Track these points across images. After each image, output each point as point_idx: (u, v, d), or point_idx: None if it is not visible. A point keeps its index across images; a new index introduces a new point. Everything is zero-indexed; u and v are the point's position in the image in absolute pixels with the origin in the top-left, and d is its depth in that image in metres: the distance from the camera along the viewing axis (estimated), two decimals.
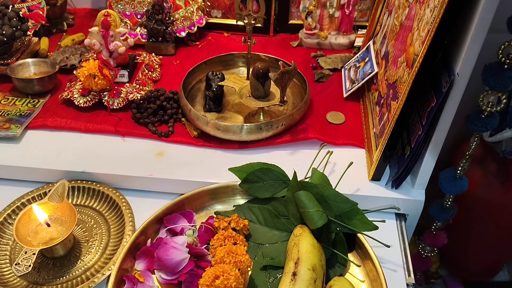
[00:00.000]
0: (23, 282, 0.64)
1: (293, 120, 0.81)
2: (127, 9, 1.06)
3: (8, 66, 0.90)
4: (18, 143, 0.80)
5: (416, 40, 0.65)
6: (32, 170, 0.76)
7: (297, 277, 0.55)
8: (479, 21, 0.54)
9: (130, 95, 0.86)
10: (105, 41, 0.86)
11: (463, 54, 0.57)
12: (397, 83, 0.70)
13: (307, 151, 0.80)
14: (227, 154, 0.79)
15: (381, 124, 0.73)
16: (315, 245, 0.59)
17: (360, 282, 0.62)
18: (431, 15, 0.59)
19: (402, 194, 0.72)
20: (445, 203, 0.79)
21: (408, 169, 0.68)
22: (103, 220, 0.72)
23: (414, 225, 0.75)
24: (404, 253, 0.68)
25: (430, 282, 1.36)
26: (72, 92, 0.86)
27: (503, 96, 0.63)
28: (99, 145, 0.80)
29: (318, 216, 0.60)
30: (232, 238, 0.60)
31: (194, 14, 1.07)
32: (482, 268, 1.34)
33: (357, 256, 0.65)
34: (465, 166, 0.73)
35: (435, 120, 0.63)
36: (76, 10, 1.20)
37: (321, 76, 0.98)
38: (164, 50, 1.04)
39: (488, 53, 0.62)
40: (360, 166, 0.76)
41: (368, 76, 0.85)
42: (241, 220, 0.63)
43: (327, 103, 0.90)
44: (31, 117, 0.84)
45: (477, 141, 0.71)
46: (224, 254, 0.56)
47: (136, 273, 0.62)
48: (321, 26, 1.08)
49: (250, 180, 0.67)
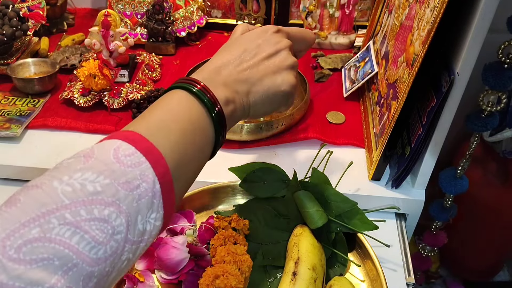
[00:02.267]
0: None
1: (293, 120, 0.81)
2: (127, 9, 1.06)
3: (8, 66, 0.90)
4: (18, 143, 0.80)
5: (416, 40, 0.65)
6: (32, 170, 0.76)
7: (297, 277, 0.55)
8: (479, 21, 0.54)
9: (130, 95, 0.86)
10: (105, 41, 0.86)
11: (463, 54, 0.57)
12: (397, 83, 0.70)
13: (307, 151, 0.80)
14: (227, 154, 0.79)
15: (381, 124, 0.73)
16: (315, 244, 0.59)
17: (360, 281, 0.62)
18: (431, 15, 0.59)
19: (402, 194, 0.72)
20: (445, 203, 0.79)
21: (408, 169, 0.68)
22: None
23: (414, 225, 0.75)
24: (404, 253, 0.68)
25: (430, 282, 1.36)
26: (72, 92, 0.86)
27: (503, 95, 0.63)
28: None
29: (318, 216, 0.60)
30: (232, 237, 0.60)
31: (194, 14, 1.07)
32: (482, 268, 1.34)
33: (357, 256, 0.65)
34: (465, 166, 0.73)
35: (435, 120, 0.63)
36: (76, 10, 1.20)
37: (321, 76, 0.98)
38: (164, 50, 1.04)
39: (488, 53, 0.62)
40: (360, 166, 0.76)
41: (368, 76, 0.86)
42: (241, 220, 0.63)
43: (327, 103, 0.90)
44: (31, 117, 0.84)
45: (477, 141, 0.71)
46: (224, 254, 0.56)
47: (136, 272, 0.62)
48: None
49: (250, 180, 0.67)
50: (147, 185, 0.37)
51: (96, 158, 0.36)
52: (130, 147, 0.38)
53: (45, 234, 0.31)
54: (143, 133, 0.40)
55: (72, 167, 0.36)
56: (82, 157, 0.37)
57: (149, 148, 0.39)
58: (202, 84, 0.46)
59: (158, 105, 0.45)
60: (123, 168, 0.36)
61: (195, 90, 0.45)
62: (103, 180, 0.35)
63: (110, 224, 0.34)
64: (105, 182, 0.35)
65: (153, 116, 0.43)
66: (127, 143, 0.38)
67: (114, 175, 0.36)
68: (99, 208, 0.34)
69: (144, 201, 0.37)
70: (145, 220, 0.37)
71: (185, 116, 0.44)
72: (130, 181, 0.36)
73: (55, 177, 0.35)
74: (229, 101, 0.47)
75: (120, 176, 0.36)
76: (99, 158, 0.36)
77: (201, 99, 0.45)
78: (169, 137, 0.41)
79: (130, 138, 0.39)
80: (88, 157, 0.37)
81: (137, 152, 0.38)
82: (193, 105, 0.45)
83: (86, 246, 0.33)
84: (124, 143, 0.38)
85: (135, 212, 0.36)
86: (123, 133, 0.40)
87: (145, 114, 0.44)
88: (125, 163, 0.37)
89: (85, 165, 0.36)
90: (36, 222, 0.32)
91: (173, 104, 0.45)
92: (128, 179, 0.36)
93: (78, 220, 0.33)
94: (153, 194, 0.37)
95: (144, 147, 0.38)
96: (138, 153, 0.38)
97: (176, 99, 0.45)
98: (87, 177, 0.35)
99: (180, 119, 0.43)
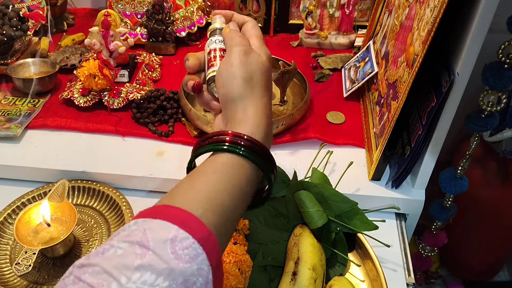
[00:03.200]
0: (23, 281, 0.64)
1: (293, 120, 0.81)
2: (127, 9, 1.06)
3: (8, 66, 0.90)
4: (18, 143, 0.80)
5: (416, 40, 0.65)
6: (32, 170, 0.76)
7: (297, 277, 0.55)
8: (479, 21, 0.54)
9: (130, 95, 0.86)
10: (105, 41, 0.86)
11: (463, 54, 0.57)
12: (397, 83, 0.70)
13: (307, 151, 0.80)
14: None
15: (381, 124, 0.73)
16: (315, 244, 0.59)
17: (360, 281, 0.62)
18: (431, 15, 0.59)
19: (402, 194, 0.72)
20: (445, 203, 0.79)
21: (408, 169, 0.68)
22: (103, 220, 0.72)
23: (414, 225, 0.75)
24: (404, 253, 0.68)
25: (430, 282, 1.37)
26: (72, 92, 0.86)
27: (503, 95, 0.63)
28: (99, 145, 0.80)
29: (318, 216, 0.60)
30: (232, 237, 0.60)
31: (194, 14, 1.07)
32: (482, 268, 1.34)
33: (357, 256, 0.65)
34: (465, 166, 0.73)
35: (435, 120, 0.63)
36: (76, 10, 1.20)
37: (321, 76, 0.98)
38: (164, 50, 1.04)
39: (488, 53, 0.62)
40: (360, 166, 0.76)
41: (368, 76, 0.85)
42: (241, 220, 0.63)
43: (327, 103, 0.90)
44: (31, 117, 0.84)
45: (477, 141, 0.71)
46: (224, 254, 0.56)
47: None
48: (321, 26, 1.08)
49: None
50: (202, 280, 0.36)
51: (153, 252, 0.34)
52: (187, 236, 0.36)
53: None
54: (194, 212, 0.38)
55: (128, 261, 0.34)
56: (137, 245, 0.35)
57: (206, 237, 0.37)
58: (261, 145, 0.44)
59: (206, 172, 0.42)
60: (181, 265, 0.34)
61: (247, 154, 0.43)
62: (162, 283, 0.33)
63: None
64: (165, 286, 0.33)
65: (201, 186, 0.41)
66: (184, 231, 0.36)
67: (172, 275, 0.34)
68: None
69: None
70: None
71: (237, 183, 0.42)
72: (187, 279, 0.35)
73: (112, 275, 0.33)
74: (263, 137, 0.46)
75: (179, 276, 0.34)
76: (156, 253, 0.34)
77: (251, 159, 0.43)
78: (222, 213, 0.40)
79: (186, 224, 0.36)
80: (144, 249, 0.34)
81: (194, 242, 0.36)
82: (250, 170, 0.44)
83: None
84: (180, 231, 0.36)
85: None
86: (177, 213, 0.37)
87: (192, 182, 0.41)
88: (183, 259, 0.35)
89: (142, 261, 0.34)
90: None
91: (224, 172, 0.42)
92: (186, 277, 0.34)
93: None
94: (205, 284, 0.36)
95: (201, 236, 0.36)
96: (195, 243, 0.36)
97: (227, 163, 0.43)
98: (145, 279, 0.33)
99: (232, 188, 0.42)
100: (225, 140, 0.44)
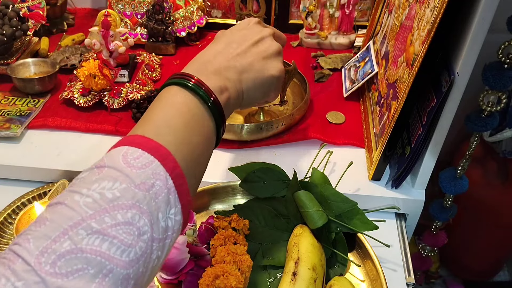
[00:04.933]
0: None
1: (293, 120, 0.81)
2: (127, 9, 1.06)
3: (8, 66, 0.90)
4: (18, 143, 0.80)
5: (416, 40, 0.65)
6: (32, 170, 0.76)
7: (297, 277, 0.55)
8: (479, 21, 0.54)
9: (130, 95, 0.86)
10: (105, 41, 0.86)
11: (463, 54, 0.57)
12: (397, 83, 0.70)
13: (307, 151, 0.80)
14: (227, 154, 0.79)
15: (381, 124, 0.73)
16: (315, 244, 0.59)
17: (360, 281, 0.62)
18: (431, 15, 0.60)
19: (402, 194, 0.72)
20: (445, 203, 0.79)
21: (408, 169, 0.68)
22: None
23: (414, 225, 0.75)
24: (404, 253, 0.68)
25: (430, 282, 1.37)
26: (72, 92, 0.86)
27: (503, 95, 0.63)
28: (99, 145, 0.80)
29: (318, 216, 0.60)
30: (232, 237, 0.60)
31: (194, 14, 1.07)
32: (482, 268, 1.34)
33: (357, 256, 0.65)
34: (465, 166, 0.73)
35: (435, 120, 0.63)
36: (76, 10, 1.20)
37: (321, 76, 0.98)
38: (164, 50, 1.05)
39: (488, 53, 0.62)
40: (360, 166, 0.76)
41: (368, 76, 0.86)
42: (241, 220, 0.63)
43: (327, 103, 0.90)
44: (31, 117, 0.84)
45: (477, 141, 0.71)
46: (224, 254, 0.56)
47: None
48: (321, 26, 1.08)
49: (250, 180, 0.67)
50: (160, 182, 0.38)
51: (108, 167, 0.38)
52: (137, 150, 0.39)
53: (76, 246, 0.32)
54: (147, 134, 0.41)
55: (88, 179, 0.37)
56: (95, 168, 0.38)
57: (155, 147, 0.40)
58: (196, 78, 0.47)
59: (156, 104, 0.46)
60: (135, 171, 0.37)
61: (190, 84, 0.46)
62: (119, 186, 0.36)
63: (135, 226, 0.35)
64: (122, 187, 0.36)
65: (154, 115, 0.44)
66: (133, 147, 0.39)
67: (128, 179, 0.37)
68: (121, 213, 0.35)
69: (161, 198, 0.38)
70: (166, 217, 0.38)
71: (185, 110, 0.45)
72: (144, 182, 0.37)
73: (75, 191, 0.36)
74: (222, 89, 0.49)
75: (135, 178, 0.37)
76: (111, 166, 0.38)
77: (197, 92, 0.46)
78: (173, 133, 0.42)
79: (135, 142, 0.40)
80: (100, 168, 0.38)
81: (144, 153, 0.39)
82: (190, 99, 0.46)
83: (117, 250, 0.34)
84: (130, 147, 0.39)
85: (155, 210, 0.37)
86: (127, 139, 0.41)
87: (146, 115, 0.45)
88: (136, 166, 0.38)
89: (99, 175, 0.37)
90: (65, 235, 0.33)
91: (171, 101, 0.45)
92: (142, 179, 0.37)
93: (104, 227, 0.34)
94: (168, 190, 0.38)
95: (150, 147, 0.39)
96: (145, 153, 0.39)
97: (173, 95, 0.46)
98: (104, 185, 0.36)
99: (181, 114, 0.44)
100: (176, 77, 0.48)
